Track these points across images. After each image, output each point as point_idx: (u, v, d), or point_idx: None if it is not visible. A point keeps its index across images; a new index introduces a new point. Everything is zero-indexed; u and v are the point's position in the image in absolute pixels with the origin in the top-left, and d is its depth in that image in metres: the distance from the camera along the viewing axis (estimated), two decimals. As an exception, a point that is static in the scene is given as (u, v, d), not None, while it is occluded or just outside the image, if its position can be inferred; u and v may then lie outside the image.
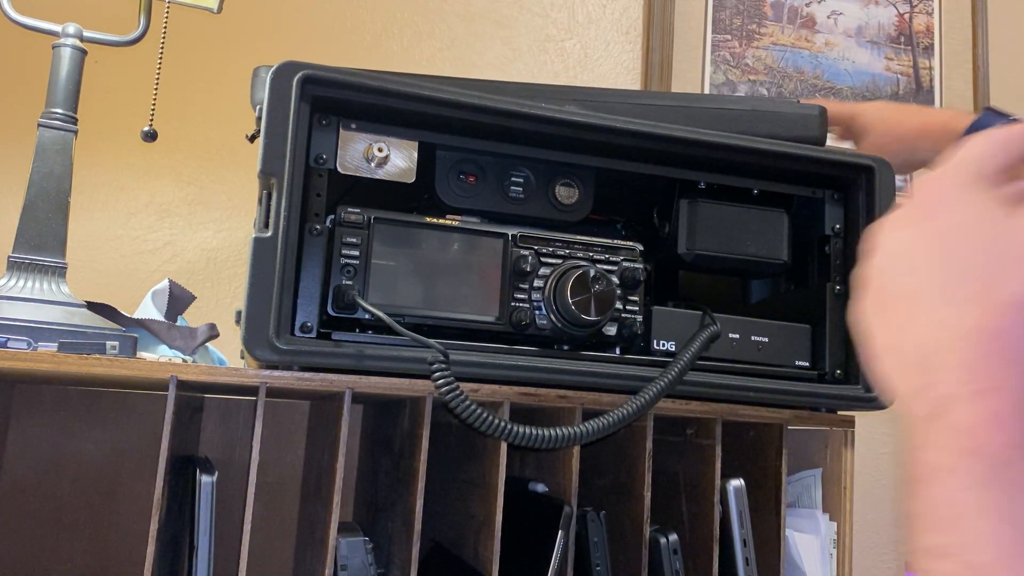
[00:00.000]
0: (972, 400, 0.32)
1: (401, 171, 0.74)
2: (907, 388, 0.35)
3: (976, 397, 0.32)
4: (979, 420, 0.32)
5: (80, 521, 1.03)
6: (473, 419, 0.63)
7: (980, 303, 0.33)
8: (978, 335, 0.32)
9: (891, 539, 1.48)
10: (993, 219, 0.34)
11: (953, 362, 0.33)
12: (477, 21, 1.40)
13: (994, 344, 0.32)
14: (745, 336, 0.80)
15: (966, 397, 0.32)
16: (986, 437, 0.31)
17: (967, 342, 0.32)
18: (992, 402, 0.31)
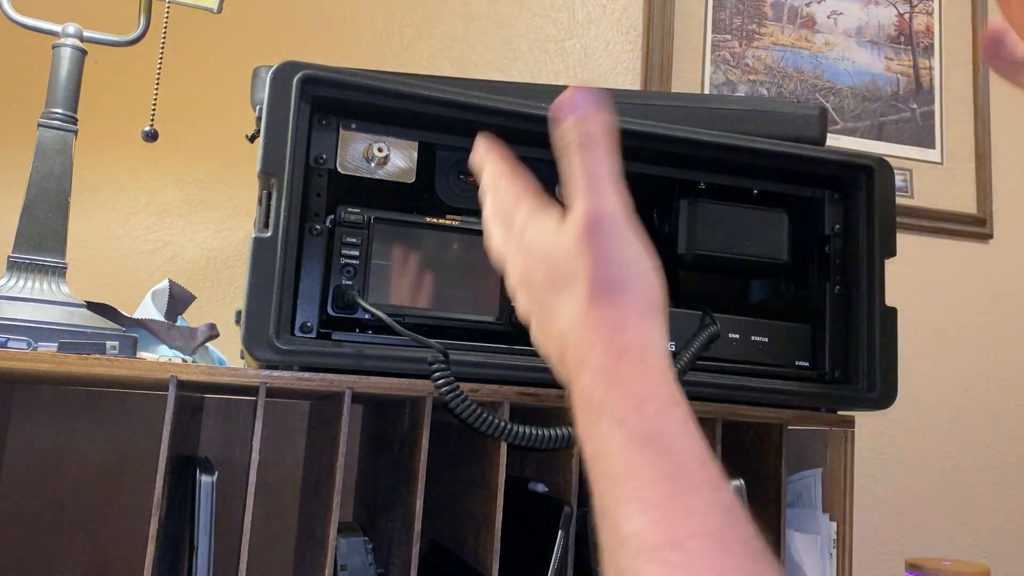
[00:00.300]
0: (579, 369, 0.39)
1: (401, 171, 0.74)
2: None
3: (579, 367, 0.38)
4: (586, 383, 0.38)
5: (80, 521, 1.03)
6: (473, 419, 0.63)
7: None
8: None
9: (891, 539, 1.48)
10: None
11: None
12: (477, 21, 1.40)
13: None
14: (745, 336, 0.80)
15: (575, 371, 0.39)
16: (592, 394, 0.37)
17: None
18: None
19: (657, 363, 0.37)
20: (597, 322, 0.39)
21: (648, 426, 0.34)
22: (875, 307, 0.79)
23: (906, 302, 0.89)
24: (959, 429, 1.54)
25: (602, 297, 0.39)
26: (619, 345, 0.37)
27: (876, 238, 0.80)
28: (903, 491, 1.50)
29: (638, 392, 0.36)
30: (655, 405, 0.35)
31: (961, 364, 1.55)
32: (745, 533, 0.32)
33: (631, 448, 0.34)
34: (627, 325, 0.38)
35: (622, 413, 0.35)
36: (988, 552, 1.51)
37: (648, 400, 0.35)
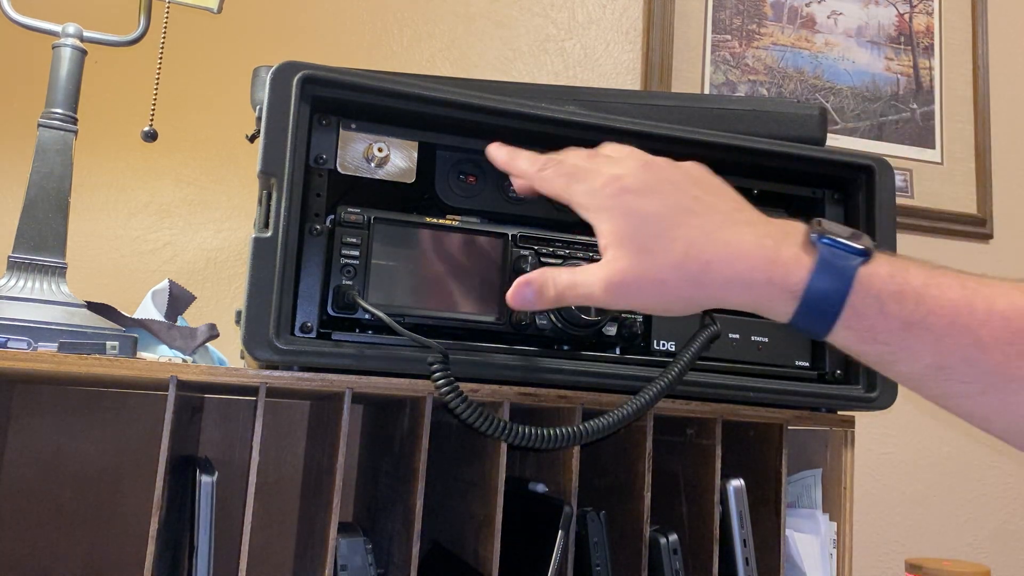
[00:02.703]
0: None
1: (401, 171, 0.74)
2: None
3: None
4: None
5: (80, 521, 1.03)
6: (473, 419, 0.63)
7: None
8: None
9: (891, 539, 1.48)
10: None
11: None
12: (477, 21, 1.40)
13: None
14: (745, 336, 0.80)
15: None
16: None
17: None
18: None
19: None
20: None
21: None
22: (875, 307, 0.79)
23: (906, 302, 0.89)
24: (959, 429, 1.53)
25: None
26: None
27: (876, 238, 0.80)
28: (903, 491, 1.49)
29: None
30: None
31: (961, 364, 1.55)
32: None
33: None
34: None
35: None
36: (988, 552, 1.51)
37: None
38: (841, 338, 0.46)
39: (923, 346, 0.42)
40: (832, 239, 0.46)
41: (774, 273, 0.47)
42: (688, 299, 0.50)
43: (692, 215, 0.50)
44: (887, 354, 0.44)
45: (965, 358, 0.41)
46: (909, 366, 0.44)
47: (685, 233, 0.49)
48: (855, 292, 0.44)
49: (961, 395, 0.42)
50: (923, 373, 0.43)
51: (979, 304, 0.42)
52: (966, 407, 0.43)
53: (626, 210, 0.51)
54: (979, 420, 0.43)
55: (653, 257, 0.49)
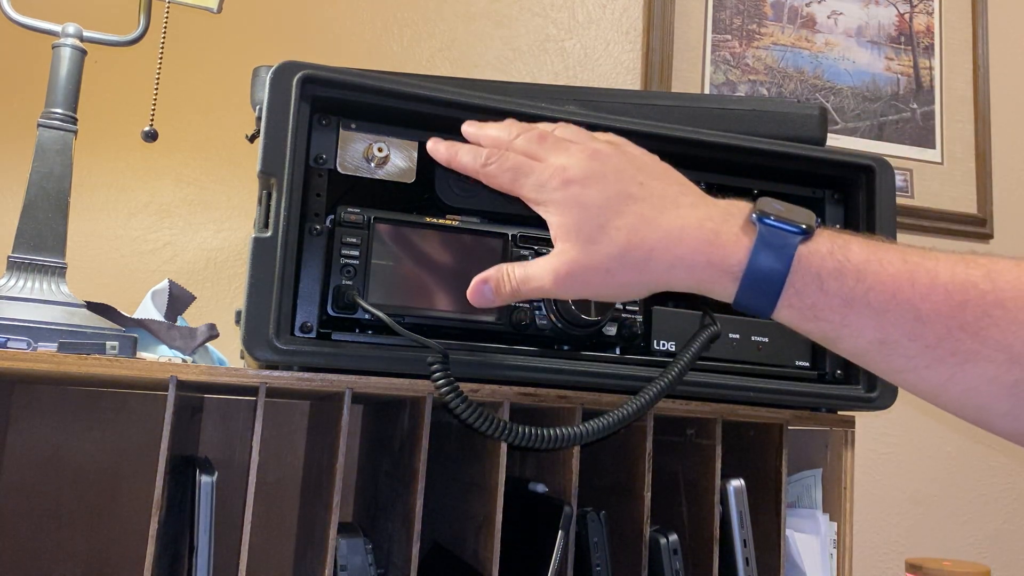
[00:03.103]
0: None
1: (401, 171, 0.74)
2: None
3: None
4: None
5: (80, 521, 1.03)
6: (472, 419, 0.63)
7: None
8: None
9: (891, 539, 1.48)
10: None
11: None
12: (477, 21, 1.40)
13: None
14: (745, 336, 0.80)
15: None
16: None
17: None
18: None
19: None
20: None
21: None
22: (875, 307, 0.79)
23: (906, 302, 0.89)
24: (959, 429, 1.53)
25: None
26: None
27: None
28: (903, 491, 1.49)
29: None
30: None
31: (961, 364, 1.55)
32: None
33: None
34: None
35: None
36: (988, 552, 1.51)
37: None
38: (784, 316, 0.46)
39: (865, 322, 0.42)
40: (772, 219, 0.46)
41: (713, 255, 0.47)
42: (635, 284, 0.51)
43: (634, 202, 0.50)
44: (830, 331, 0.44)
45: (907, 333, 0.41)
46: (853, 343, 0.44)
47: (627, 221, 0.50)
48: (795, 271, 0.45)
49: (907, 370, 0.42)
50: (867, 349, 0.43)
51: (921, 278, 0.42)
52: (912, 381, 0.43)
53: (571, 202, 0.52)
54: (927, 394, 0.43)
55: (597, 247, 0.50)
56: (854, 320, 0.43)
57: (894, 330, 0.42)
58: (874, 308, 0.42)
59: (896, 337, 0.42)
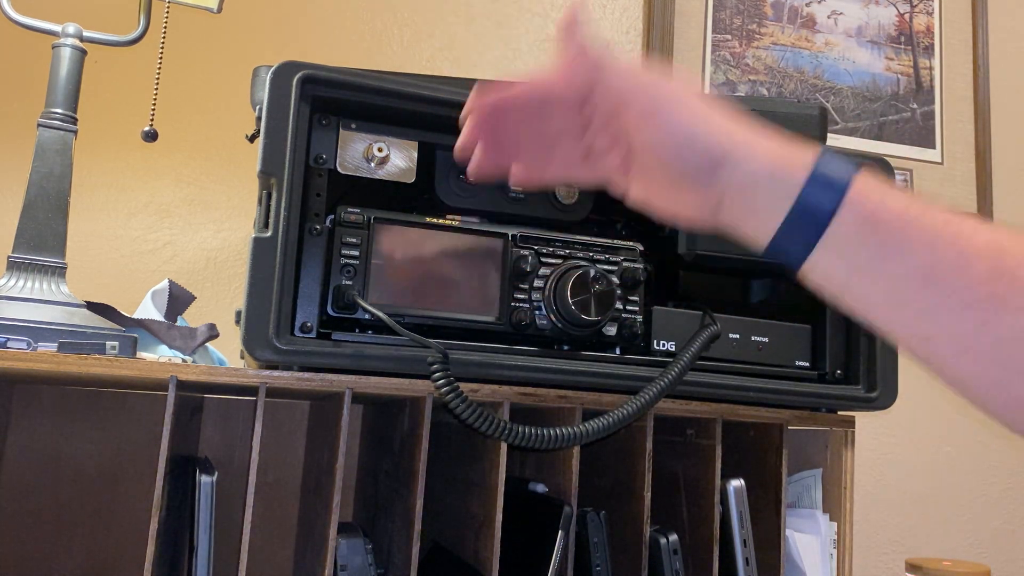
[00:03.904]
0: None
1: (401, 171, 0.74)
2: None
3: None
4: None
5: (80, 521, 1.03)
6: (473, 419, 0.63)
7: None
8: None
9: (891, 539, 1.48)
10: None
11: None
12: (477, 21, 1.40)
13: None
14: (745, 336, 0.80)
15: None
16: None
17: None
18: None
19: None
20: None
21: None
22: (875, 307, 0.79)
23: (906, 302, 0.89)
24: (959, 429, 1.54)
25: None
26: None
27: (876, 238, 0.80)
28: (903, 491, 1.49)
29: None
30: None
31: (961, 364, 1.55)
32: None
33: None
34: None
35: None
36: (988, 552, 1.51)
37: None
38: (844, 221, 0.45)
39: (919, 245, 0.43)
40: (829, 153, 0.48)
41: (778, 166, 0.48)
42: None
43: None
44: (882, 247, 0.44)
45: (952, 266, 0.42)
46: (901, 265, 0.43)
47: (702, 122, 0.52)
48: (858, 179, 0.45)
49: (942, 310, 0.42)
50: (910, 278, 0.43)
51: (969, 224, 0.43)
52: (945, 326, 0.43)
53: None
54: (952, 346, 0.43)
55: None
56: (909, 235, 0.43)
57: (942, 261, 0.42)
58: (930, 227, 0.43)
59: (942, 270, 0.42)
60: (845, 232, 0.45)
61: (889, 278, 0.44)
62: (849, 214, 0.45)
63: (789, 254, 0.48)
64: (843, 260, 0.46)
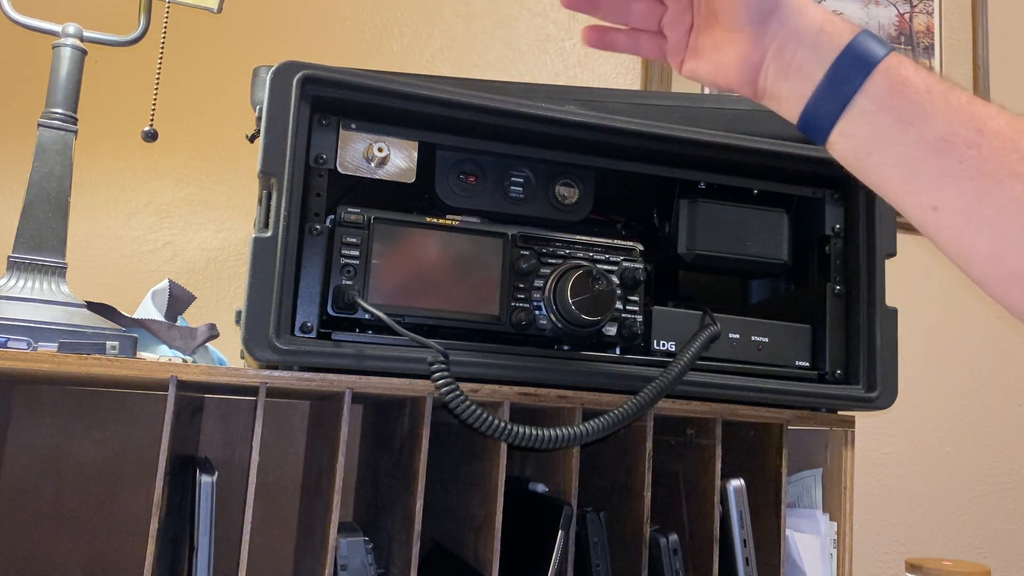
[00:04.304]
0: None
1: (401, 171, 0.74)
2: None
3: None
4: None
5: (80, 521, 1.03)
6: (473, 419, 0.63)
7: None
8: None
9: (891, 539, 1.48)
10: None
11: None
12: (477, 21, 1.40)
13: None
14: (745, 336, 0.80)
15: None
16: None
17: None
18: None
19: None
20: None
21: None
22: (875, 307, 0.79)
23: (906, 302, 0.89)
24: (959, 429, 1.53)
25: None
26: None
27: (876, 238, 0.80)
28: (903, 491, 1.49)
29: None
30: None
31: (961, 364, 1.55)
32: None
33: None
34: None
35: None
36: (988, 552, 1.51)
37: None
38: (875, 83, 0.48)
39: (938, 114, 0.46)
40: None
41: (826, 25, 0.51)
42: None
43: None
44: (905, 113, 0.47)
45: (967, 139, 0.45)
46: (919, 132, 0.46)
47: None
48: (891, 55, 0.48)
49: (952, 177, 0.45)
50: (926, 143, 0.46)
51: (987, 106, 0.46)
52: (951, 195, 0.46)
53: None
54: (957, 214, 0.46)
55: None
56: (931, 107, 0.46)
57: (960, 131, 0.45)
58: (951, 104, 0.46)
59: (957, 140, 0.45)
60: (874, 96, 0.48)
61: (907, 144, 0.47)
62: (881, 79, 0.48)
63: (821, 118, 0.50)
64: (869, 126, 0.49)
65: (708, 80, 0.57)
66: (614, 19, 0.63)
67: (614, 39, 0.63)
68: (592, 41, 0.64)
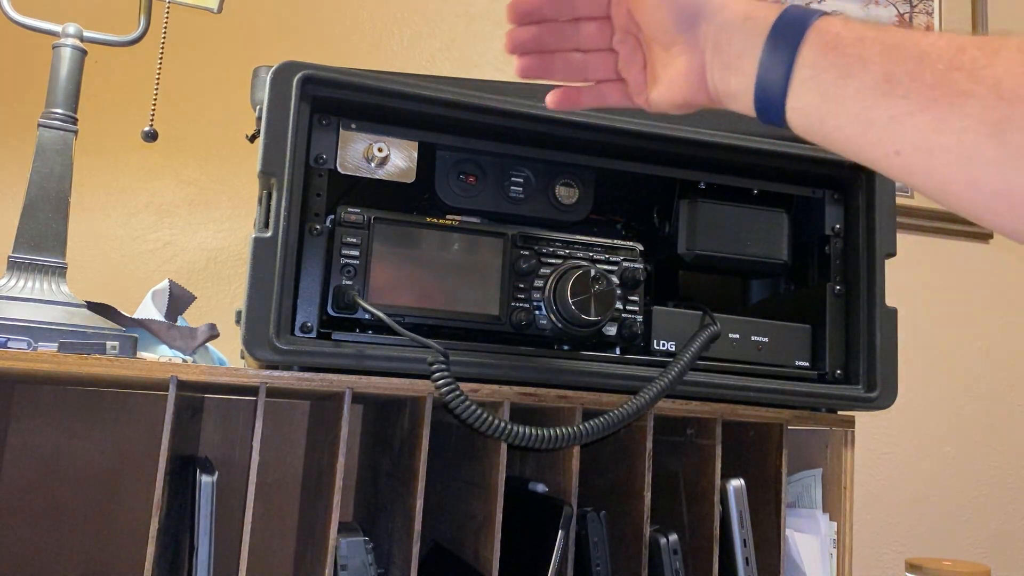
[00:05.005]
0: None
1: (401, 171, 0.74)
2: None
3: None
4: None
5: (80, 521, 1.03)
6: (473, 419, 0.63)
7: None
8: None
9: (891, 539, 1.48)
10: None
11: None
12: (477, 21, 1.40)
13: None
14: (745, 336, 0.80)
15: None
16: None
17: None
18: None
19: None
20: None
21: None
22: (875, 307, 0.79)
23: (906, 302, 0.89)
24: (959, 429, 1.54)
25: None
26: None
27: (876, 238, 0.80)
28: (903, 491, 1.49)
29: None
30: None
31: (961, 364, 1.55)
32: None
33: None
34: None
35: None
36: (988, 552, 1.51)
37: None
38: (806, 52, 0.48)
39: (875, 56, 0.45)
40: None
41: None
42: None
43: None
44: (844, 65, 0.46)
45: (909, 71, 0.44)
46: (860, 80, 0.46)
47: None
48: (820, 18, 0.48)
49: (902, 115, 0.44)
50: (871, 88, 0.45)
51: (926, 35, 0.45)
52: (906, 135, 0.44)
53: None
54: (917, 151, 0.44)
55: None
56: (866, 52, 0.46)
57: (899, 66, 0.44)
58: (886, 44, 0.45)
59: (899, 75, 0.44)
60: (811, 61, 0.48)
61: (852, 98, 0.46)
62: (813, 43, 0.48)
63: (771, 101, 0.51)
64: (813, 92, 0.48)
65: (667, 104, 0.58)
66: (572, 78, 0.64)
67: (578, 97, 0.64)
68: (558, 104, 0.65)
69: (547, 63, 0.64)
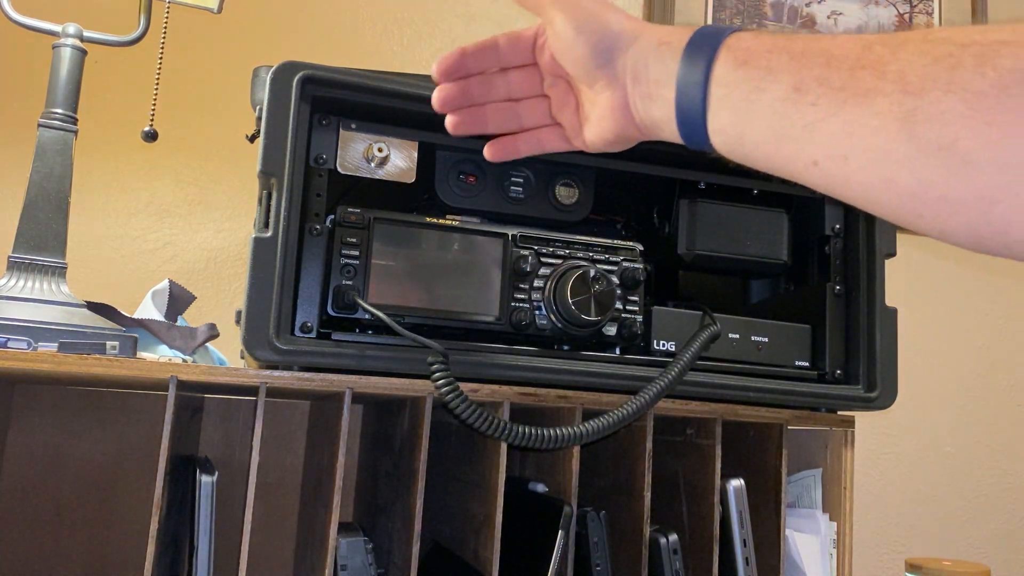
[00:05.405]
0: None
1: (401, 171, 0.74)
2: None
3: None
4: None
5: (80, 521, 1.03)
6: (473, 419, 0.63)
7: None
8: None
9: (891, 539, 1.48)
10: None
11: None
12: (477, 21, 1.40)
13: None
14: (745, 336, 0.80)
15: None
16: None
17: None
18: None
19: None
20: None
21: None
22: (875, 307, 0.79)
23: (906, 302, 0.89)
24: (959, 429, 1.54)
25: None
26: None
27: (876, 238, 0.80)
28: (903, 491, 1.50)
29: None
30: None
31: (961, 364, 1.55)
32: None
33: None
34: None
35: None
36: (988, 552, 1.51)
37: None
38: (719, 65, 0.47)
39: (784, 66, 0.44)
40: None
41: (663, 37, 0.52)
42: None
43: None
44: (755, 80, 0.45)
45: (818, 77, 0.42)
46: (773, 93, 0.44)
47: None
48: (731, 35, 0.47)
49: (816, 121, 0.42)
50: (784, 100, 0.43)
51: (833, 38, 0.44)
52: (822, 142, 0.42)
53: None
54: (834, 158, 0.42)
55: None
56: (775, 64, 0.44)
57: (807, 73, 0.42)
58: (794, 53, 0.44)
59: (808, 82, 0.42)
60: (723, 79, 0.46)
61: (765, 112, 0.44)
62: (724, 61, 0.46)
63: (692, 126, 0.49)
64: (729, 111, 0.47)
65: (601, 142, 0.57)
66: (507, 127, 0.63)
67: (516, 146, 0.64)
68: (496, 155, 0.65)
69: (480, 116, 0.63)
